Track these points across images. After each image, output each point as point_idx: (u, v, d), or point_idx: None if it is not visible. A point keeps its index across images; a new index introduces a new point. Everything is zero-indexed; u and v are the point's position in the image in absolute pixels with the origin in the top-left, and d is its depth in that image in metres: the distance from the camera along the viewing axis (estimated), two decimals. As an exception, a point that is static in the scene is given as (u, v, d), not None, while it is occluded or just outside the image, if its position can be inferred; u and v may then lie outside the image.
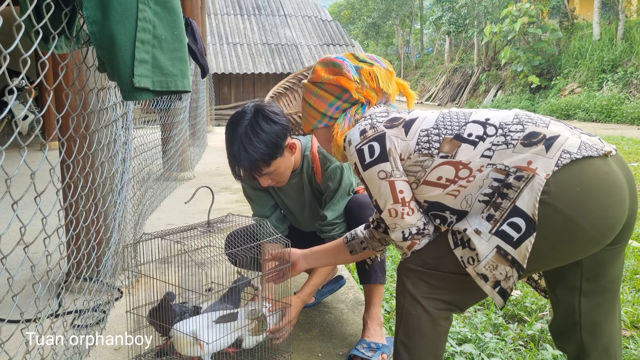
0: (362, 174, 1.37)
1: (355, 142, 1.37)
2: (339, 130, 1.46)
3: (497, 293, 1.26)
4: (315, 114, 1.52)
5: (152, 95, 1.31)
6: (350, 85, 1.46)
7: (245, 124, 1.77)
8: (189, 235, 1.77)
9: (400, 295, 1.39)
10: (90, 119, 2.14)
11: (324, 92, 1.49)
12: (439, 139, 1.31)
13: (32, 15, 1.18)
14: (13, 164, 1.38)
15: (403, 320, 1.37)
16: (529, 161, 1.21)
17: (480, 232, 1.24)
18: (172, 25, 1.30)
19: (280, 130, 1.79)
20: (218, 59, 14.56)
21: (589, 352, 1.39)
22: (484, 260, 1.24)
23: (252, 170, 1.78)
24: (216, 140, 9.23)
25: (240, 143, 1.75)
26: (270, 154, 1.77)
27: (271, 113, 1.79)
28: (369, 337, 1.94)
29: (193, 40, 3.38)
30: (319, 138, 1.59)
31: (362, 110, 1.47)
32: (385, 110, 1.45)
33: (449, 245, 1.32)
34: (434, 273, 1.34)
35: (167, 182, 4.90)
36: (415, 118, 1.37)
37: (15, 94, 4.15)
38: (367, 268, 1.94)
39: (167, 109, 4.71)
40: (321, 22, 17.15)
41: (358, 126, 1.40)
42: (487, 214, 1.24)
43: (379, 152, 1.34)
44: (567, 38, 17.65)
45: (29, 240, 1.29)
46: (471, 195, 1.28)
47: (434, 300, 1.35)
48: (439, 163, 1.30)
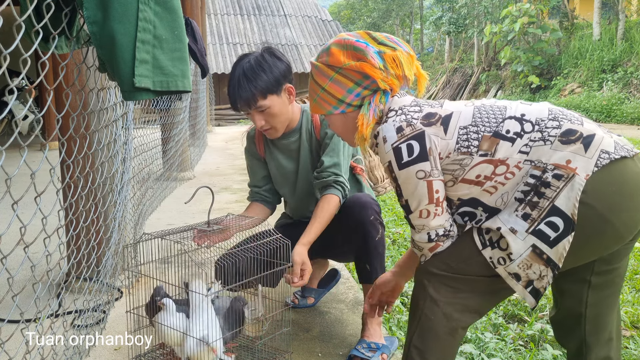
0: (396, 172, 1.31)
1: (391, 140, 1.30)
2: (365, 122, 1.39)
3: (528, 293, 1.26)
4: (330, 99, 1.44)
5: (153, 95, 1.31)
6: (375, 73, 1.37)
7: (253, 56, 1.89)
8: (189, 235, 1.77)
9: (419, 300, 1.37)
10: (90, 119, 2.14)
11: (342, 78, 1.40)
12: (478, 137, 1.28)
13: (32, 15, 1.18)
14: (13, 164, 1.38)
15: (420, 325, 1.35)
16: (568, 160, 1.21)
17: (516, 231, 1.23)
18: (173, 25, 1.30)
19: (284, 69, 1.89)
20: (218, 59, 14.56)
21: (591, 345, 1.40)
22: (517, 259, 1.23)
23: (249, 100, 1.84)
24: (216, 140, 9.24)
25: (243, 70, 1.85)
26: (269, 87, 1.84)
27: (279, 53, 1.90)
28: (368, 337, 1.94)
29: (193, 40, 3.37)
30: (334, 124, 1.52)
31: (385, 98, 1.40)
32: (416, 103, 1.39)
33: (476, 246, 1.30)
34: (459, 277, 1.32)
35: (167, 182, 4.89)
36: (451, 113, 1.32)
37: (15, 94, 4.16)
38: (368, 268, 1.94)
39: (167, 109, 4.71)
40: (321, 22, 17.15)
41: (392, 122, 1.32)
42: (523, 212, 1.23)
43: (419, 151, 1.28)
44: (567, 38, 17.65)
45: (29, 240, 1.29)
46: (507, 193, 1.27)
47: (455, 306, 1.33)
48: (479, 161, 1.28)
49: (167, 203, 4.45)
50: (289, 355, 1.84)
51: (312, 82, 1.49)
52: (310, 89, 1.51)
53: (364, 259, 1.94)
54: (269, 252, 1.76)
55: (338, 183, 1.94)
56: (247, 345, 1.88)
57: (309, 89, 1.52)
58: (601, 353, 1.40)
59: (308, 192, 2.10)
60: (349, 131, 1.48)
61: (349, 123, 1.46)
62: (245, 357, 1.82)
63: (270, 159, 2.14)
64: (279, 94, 1.89)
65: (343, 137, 1.54)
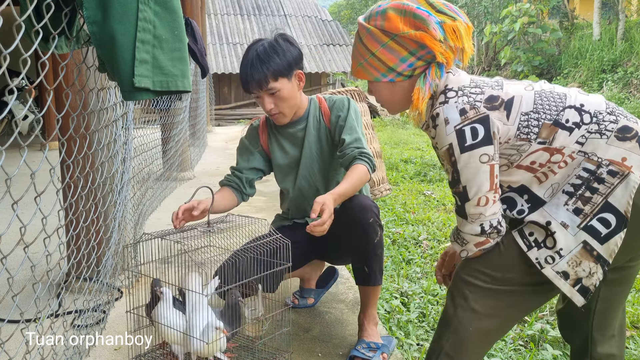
0: (456, 156, 1.26)
1: (454, 122, 1.25)
2: (421, 97, 1.33)
3: (576, 291, 1.25)
4: (380, 65, 1.36)
5: (153, 95, 1.31)
6: (435, 46, 1.30)
7: (267, 40, 1.94)
8: (189, 235, 1.77)
9: (457, 308, 1.34)
10: (90, 119, 2.14)
11: (397, 45, 1.32)
12: (538, 124, 1.26)
13: (32, 15, 1.18)
14: (13, 164, 1.38)
15: (455, 334, 1.33)
16: (624, 157, 1.21)
17: (568, 225, 1.23)
18: (173, 25, 1.30)
19: (296, 55, 1.94)
20: (218, 59, 14.55)
21: (596, 340, 1.40)
22: (567, 256, 1.23)
23: (261, 81, 1.88)
24: (216, 140, 9.23)
25: (256, 52, 1.89)
26: (281, 70, 1.89)
27: (292, 39, 1.96)
28: (367, 337, 1.94)
29: (193, 40, 3.37)
30: (378, 92, 1.44)
31: (440, 72, 1.33)
32: (475, 84, 1.33)
33: (519, 251, 1.28)
34: (502, 289, 1.31)
35: (167, 182, 4.89)
36: (513, 97, 1.29)
37: (15, 94, 4.16)
38: (367, 270, 1.93)
39: (167, 109, 4.70)
40: (321, 22, 17.14)
41: (455, 104, 1.27)
42: (574, 207, 1.23)
43: (483, 134, 1.24)
44: (567, 38, 17.65)
45: (29, 240, 1.29)
46: (558, 184, 1.26)
47: (494, 318, 1.32)
48: (536, 149, 1.27)
49: (167, 203, 4.45)
50: (289, 355, 1.84)
51: (359, 45, 1.39)
52: (356, 52, 1.41)
53: (363, 261, 1.93)
54: (268, 253, 1.75)
55: (363, 155, 1.91)
56: (247, 345, 1.88)
57: (353, 52, 1.43)
58: (605, 349, 1.41)
59: (309, 181, 2.09)
60: (395, 101, 1.43)
61: (397, 92, 1.40)
62: (245, 357, 1.82)
63: (274, 149, 2.13)
64: (290, 78, 1.93)
65: (386, 105, 1.47)
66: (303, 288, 2.38)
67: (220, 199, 2.01)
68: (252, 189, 2.13)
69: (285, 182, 2.15)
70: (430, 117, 1.32)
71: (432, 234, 3.71)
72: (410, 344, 2.15)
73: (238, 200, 2.09)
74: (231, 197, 2.07)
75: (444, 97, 1.30)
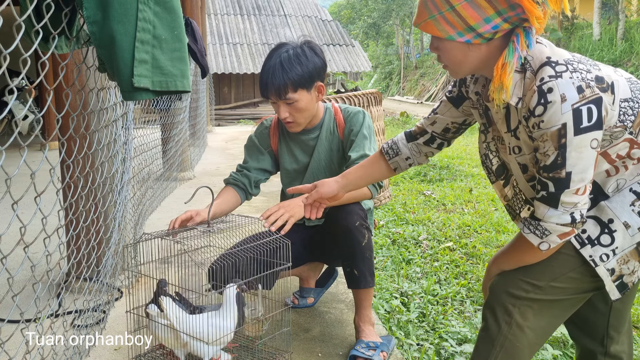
0: (569, 137, 1.12)
1: (572, 100, 1.11)
2: (508, 70, 1.17)
3: (615, 286, 1.23)
4: (458, 22, 1.17)
5: (152, 95, 1.31)
6: (533, 8, 1.13)
7: (292, 46, 1.90)
8: (189, 235, 1.77)
9: (502, 323, 1.29)
10: (90, 119, 2.14)
11: (484, 1, 1.14)
12: (634, 113, 1.20)
13: (32, 15, 1.18)
14: (13, 164, 1.38)
15: (504, 350, 1.29)
16: None
17: (630, 226, 1.20)
18: (172, 25, 1.30)
19: (320, 66, 1.91)
20: (218, 59, 14.55)
21: (613, 337, 1.41)
22: (619, 254, 1.21)
23: (280, 89, 1.85)
24: (216, 140, 9.23)
25: (280, 59, 1.85)
26: (302, 81, 1.85)
27: (318, 49, 1.92)
28: (365, 337, 1.94)
29: (193, 40, 3.38)
30: (447, 51, 1.24)
31: (529, 41, 1.18)
32: (579, 60, 1.19)
33: (568, 253, 1.25)
34: (549, 300, 1.27)
35: (167, 182, 4.89)
36: (613, 81, 1.19)
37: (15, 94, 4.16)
38: (356, 273, 1.91)
39: (167, 109, 4.70)
40: (321, 22, 17.14)
41: (571, 80, 1.12)
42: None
43: (596, 117, 1.12)
44: (567, 38, 17.66)
45: (29, 240, 1.29)
46: (625, 180, 1.22)
47: (537, 331, 1.29)
48: (625, 138, 1.20)
49: (167, 203, 4.45)
50: (289, 355, 1.84)
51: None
52: (427, 1, 1.21)
53: (352, 264, 1.91)
54: (268, 252, 1.76)
55: None
56: (247, 345, 1.88)
57: (423, 0, 1.22)
58: (619, 346, 1.42)
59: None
60: (466, 64, 1.25)
61: (470, 56, 1.23)
62: (245, 357, 1.82)
63: (283, 152, 2.12)
64: (310, 90, 1.90)
65: (452, 67, 1.28)
66: (302, 287, 2.39)
67: (224, 203, 2.00)
68: (257, 190, 2.14)
69: (290, 186, 2.15)
70: (537, 91, 1.15)
71: (432, 234, 3.71)
72: (410, 344, 2.15)
73: (242, 200, 2.09)
74: (235, 199, 2.05)
75: (553, 71, 1.15)
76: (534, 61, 1.19)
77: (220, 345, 1.68)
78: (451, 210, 4.45)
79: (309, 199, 1.68)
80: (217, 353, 1.68)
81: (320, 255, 2.19)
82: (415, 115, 14.17)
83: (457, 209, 4.49)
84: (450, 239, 3.61)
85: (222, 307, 1.68)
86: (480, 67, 1.26)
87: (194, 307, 1.74)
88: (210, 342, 1.63)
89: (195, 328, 1.63)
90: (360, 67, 15.53)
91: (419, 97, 24.10)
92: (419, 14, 1.24)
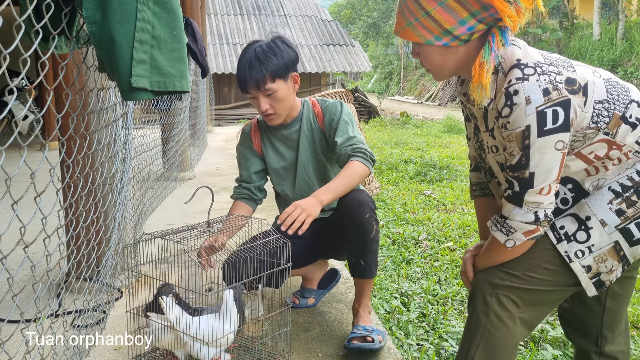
0: (532, 139, 1.15)
1: (537, 102, 1.14)
2: (486, 69, 1.19)
3: (592, 283, 1.24)
4: (434, 27, 1.21)
5: (151, 95, 1.31)
6: (504, 7, 1.15)
7: (265, 41, 1.97)
8: (189, 235, 1.77)
9: (480, 314, 1.31)
10: (90, 119, 2.14)
11: (457, 4, 1.17)
12: (609, 115, 1.21)
13: (32, 15, 1.18)
14: (13, 164, 1.38)
15: (484, 340, 1.30)
16: None
17: (607, 224, 1.22)
18: (172, 25, 1.30)
19: (294, 57, 1.97)
20: (218, 59, 14.55)
21: (607, 337, 1.41)
22: (596, 252, 1.22)
23: (259, 81, 1.90)
24: (216, 140, 9.23)
25: (255, 53, 1.91)
26: (278, 71, 1.91)
27: (289, 41, 1.99)
28: (362, 322, 1.98)
29: (193, 40, 3.37)
30: (427, 55, 1.28)
31: (504, 40, 1.20)
32: (550, 62, 1.21)
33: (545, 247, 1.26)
34: (525, 288, 1.28)
35: (167, 182, 4.89)
36: (587, 83, 1.21)
37: (15, 94, 4.15)
38: (362, 263, 1.96)
39: (167, 109, 4.70)
40: (321, 22, 17.13)
41: (537, 82, 1.15)
42: (618, 208, 1.21)
43: (563, 120, 1.14)
44: (567, 38, 17.66)
45: (29, 240, 1.29)
46: (605, 179, 1.24)
47: (519, 320, 1.29)
48: (600, 139, 1.22)
49: (167, 203, 4.45)
50: (289, 355, 1.84)
51: (410, 1, 1.23)
52: (405, 9, 1.24)
53: (359, 255, 1.96)
54: (269, 252, 1.76)
55: (357, 150, 1.91)
56: (247, 345, 1.88)
57: (401, 8, 1.26)
58: (615, 346, 1.42)
59: (308, 184, 2.11)
60: (446, 67, 1.29)
61: (449, 59, 1.26)
62: (245, 357, 1.82)
63: (268, 152, 2.15)
64: (286, 80, 1.96)
65: (434, 71, 1.32)
66: (304, 288, 2.39)
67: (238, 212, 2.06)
68: (263, 193, 2.19)
69: (283, 186, 2.17)
70: (504, 93, 1.18)
71: (432, 234, 3.71)
72: (410, 344, 2.15)
73: (253, 208, 2.16)
74: (246, 210, 2.12)
75: (521, 73, 1.18)
76: (506, 63, 1.22)
77: (221, 347, 1.68)
78: (451, 210, 4.45)
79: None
80: (218, 354, 1.68)
81: (328, 247, 2.20)
82: (415, 115, 14.16)
83: (457, 209, 4.49)
84: (450, 239, 3.61)
85: (222, 309, 1.68)
86: (461, 69, 1.30)
87: (192, 310, 1.74)
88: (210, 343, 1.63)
89: (195, 330, 1.63)
90: (360, 67, 15.54)
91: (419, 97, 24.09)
92: (397, 22, 1.29)
